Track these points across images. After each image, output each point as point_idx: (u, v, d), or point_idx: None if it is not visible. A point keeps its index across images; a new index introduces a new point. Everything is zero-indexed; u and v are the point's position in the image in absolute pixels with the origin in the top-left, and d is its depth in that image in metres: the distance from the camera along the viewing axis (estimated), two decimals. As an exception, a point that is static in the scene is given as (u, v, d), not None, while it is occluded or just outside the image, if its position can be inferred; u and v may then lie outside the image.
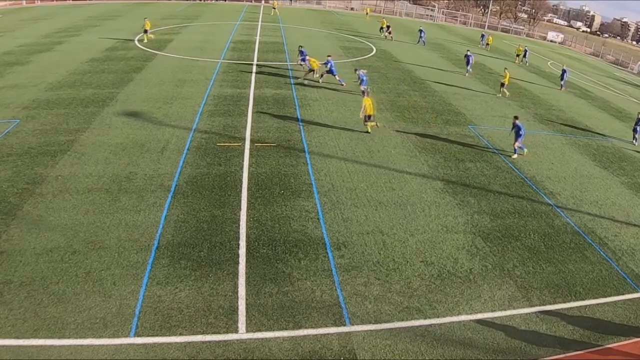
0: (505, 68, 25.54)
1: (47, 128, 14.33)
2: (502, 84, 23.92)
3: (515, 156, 15.83)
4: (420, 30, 38.47)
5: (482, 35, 45.34)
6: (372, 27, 43.46)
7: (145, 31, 27.78)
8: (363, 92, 16.69)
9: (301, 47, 23.63)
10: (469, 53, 28.46)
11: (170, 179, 11.87)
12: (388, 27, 38.38)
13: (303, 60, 22.92)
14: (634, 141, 20.02)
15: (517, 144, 15.73)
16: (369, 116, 15.72)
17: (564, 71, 29.15)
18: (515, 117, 15.96)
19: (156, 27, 32.68)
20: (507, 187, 13.70)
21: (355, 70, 20.92)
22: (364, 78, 19.92)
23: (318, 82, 21.53)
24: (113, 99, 17.26)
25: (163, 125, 15.23)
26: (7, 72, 19.91)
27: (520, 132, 15.59)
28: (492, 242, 10.78)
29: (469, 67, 27.96)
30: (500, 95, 24.00)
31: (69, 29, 31.05)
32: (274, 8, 48.58)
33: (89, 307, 7.57)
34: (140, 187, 11.36)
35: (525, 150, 16.15)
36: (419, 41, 38.07)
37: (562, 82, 28.90)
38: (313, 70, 21.43)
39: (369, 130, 16.19)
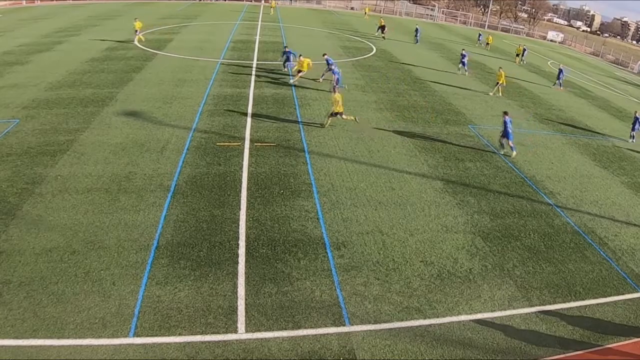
0: (500, 67, 25.30)
1: (46, 128, 14.32)
2: (497, 83, 23.88)
3: (514, 154, 15.81)
4: (417, 30, 38.69)
5: (480, 35, 45.58)
6: (372, 26, 43.41)
7: (136, 32, 27.64)
8: (333, 88, 16.65)
9: (286, 47, 23.23)
10: (464, 52, 28.42)
11: (170, 178, 11.86)
12: (383, 27, 38.43)
13: (287, 60, 22.46)
14: (632, 139, 20.03)
15: (510, 142, 15.71)
16: (340, 113, 15.75)
17: (560, 70, 29.14)
18: (505, 113, 15.88)
19: (156, 26, 32.73)
20: (507, 186, 13.69)
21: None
22: (338, 76, 19.49)
23: (319, 81, 21.51)
24: (113, 99, 17.24)
25: (163, 125, 15.22)
26: (7, 71, 19.90)
27: (508, 129, 15.50)
28: (492, 242, 10.77)
29: (465, 67, 27.91)
30: (500, 95, 23.99)
31: (68, 29, 31.05)
32: (272, 7, 48.65)
33: (88, 307, 7.56)
34: (140, 187, 11.35)
35: (505, 150, 16.07)
36: (417, 41, 38.16)
37: (560, 81, 28.89)
38: (300, 71, 20.91)
39: (328, 124, 16.15)
